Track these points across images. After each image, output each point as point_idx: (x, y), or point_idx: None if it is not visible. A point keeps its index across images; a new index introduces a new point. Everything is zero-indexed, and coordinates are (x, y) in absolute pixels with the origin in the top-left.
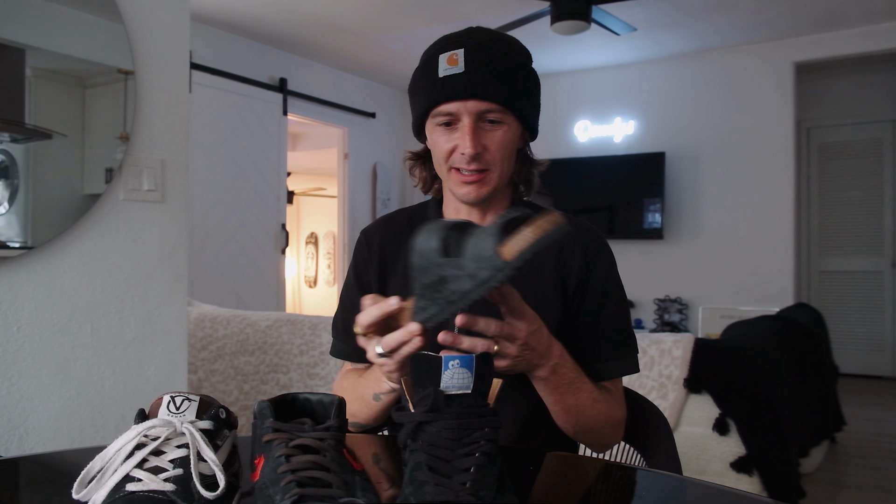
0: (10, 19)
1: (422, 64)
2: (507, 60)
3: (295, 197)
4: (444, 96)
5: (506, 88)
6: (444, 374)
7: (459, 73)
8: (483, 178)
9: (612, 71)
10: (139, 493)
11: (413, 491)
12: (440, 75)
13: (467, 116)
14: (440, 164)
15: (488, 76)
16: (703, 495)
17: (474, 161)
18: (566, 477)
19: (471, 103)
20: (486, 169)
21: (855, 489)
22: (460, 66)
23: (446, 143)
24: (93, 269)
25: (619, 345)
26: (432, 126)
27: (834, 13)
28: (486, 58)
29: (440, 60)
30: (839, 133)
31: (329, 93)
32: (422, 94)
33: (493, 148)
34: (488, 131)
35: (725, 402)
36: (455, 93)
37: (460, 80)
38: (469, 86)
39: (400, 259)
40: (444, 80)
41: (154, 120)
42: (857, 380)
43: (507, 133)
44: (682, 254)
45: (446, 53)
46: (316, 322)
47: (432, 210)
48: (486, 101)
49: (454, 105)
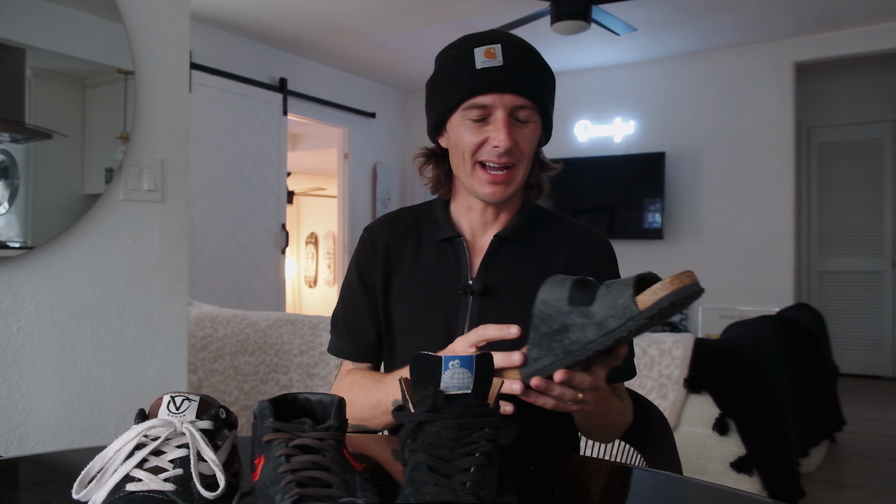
0: (10, 19)
1: (451, 58)
2: (538, 60)
3: (295, 197)
4: (483, 87)
5: (540, 87)
6: (444, 374)
7: (498, 66)
8: (510, 176)
9: (612, 71)
10: (139, 493)
11: (413, 491)
12: (478, 67)
13: (502, 110)
14: (464, 160)
15: (526, 72)
16: (703, 495)
17: (505, 155)
18: (566, 477)
19: (507, 97)
20: (514, 164)
21: (855, 489)
22: (499, 59)
23: (475, 136)
24: (93, 269)
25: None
26: (460, 119)
27: (834, 13)
28: (522, 55)
29: (476, 53)
30: (839, 133)
31: (329, 93)
32: (455, 86)
33: (523, 144)
34: (518, 128)
35: (725, 402)
36: (494, 85)
37: (499, 72)
38: (509, 79)
39: (405, 259)
40: (483, 72)
41: (154, 120)
42: (857, 380)
43: (535, 132)
44: (682, 254)
45: (483, 47)
46: (316, 322)
47: (439, 210)
48: (521, 97)
49: (490, 97)
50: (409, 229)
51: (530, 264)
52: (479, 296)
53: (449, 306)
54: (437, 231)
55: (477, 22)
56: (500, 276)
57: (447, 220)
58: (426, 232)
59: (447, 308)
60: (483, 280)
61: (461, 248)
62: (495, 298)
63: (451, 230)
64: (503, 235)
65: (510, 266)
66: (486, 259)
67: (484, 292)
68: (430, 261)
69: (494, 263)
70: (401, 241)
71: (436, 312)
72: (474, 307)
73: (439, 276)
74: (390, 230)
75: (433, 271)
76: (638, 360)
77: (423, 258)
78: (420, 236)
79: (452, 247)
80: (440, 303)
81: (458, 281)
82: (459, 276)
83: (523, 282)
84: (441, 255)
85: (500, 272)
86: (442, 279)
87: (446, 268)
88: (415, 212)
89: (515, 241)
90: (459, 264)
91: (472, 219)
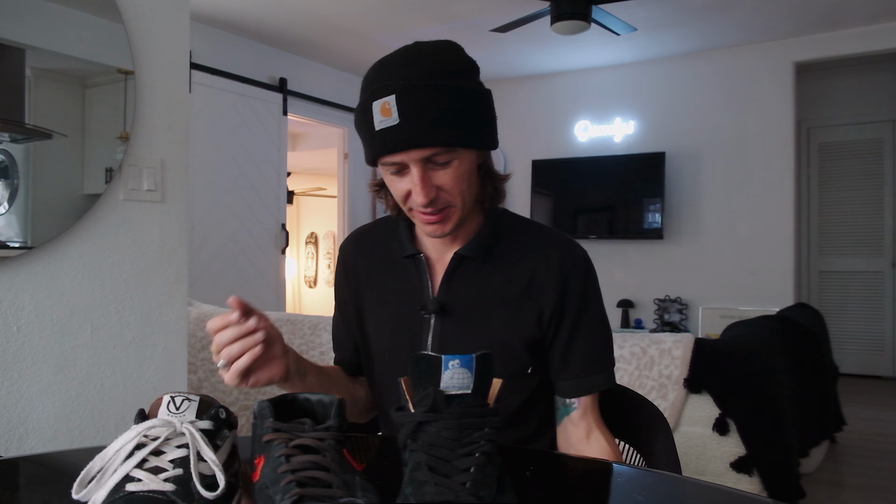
0: (10, 19)
1: (359, 107)
2: (442, 95)
3: (295, 197)
4: (385, 149)
5: (446, 129)
6: (444, 374)
7: (394, 126)
8: (445, 215)
9: (612, 71)
10: (139, 493)
11: (413, 491)
12: (376, 128)
13: (413, 164)
14: (401, 204)
15: (424, 123)
16: (703, 495)
17: (430, 205)
18: (566, 477)
19: (413, 153)
20: (447, 206)
21: (855, 489)
22: (394, 116)
23: (401, 185)
24: (93, 269)
25: (593, 361)
26: (383, 170)
27: (834, 13)
28: (419, 102)
29: (374, 110)
30: (839, 133)
31: (329, 93)
32: (364, 142)
33: (448, 186)
34: (438, 171)
35: (725, 402)
36: (395, 146)
37: (396, 132)
38: (406, 138)
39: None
40: (382, 134)
41: (154, 120)
42: (857, 380)
43: (460, 166)
44: (682, 254)
45: (378, 102)
46: (316, 322)
47: (403, 228)
48: (427, 149)
49: (398, 156)
50: (375, 246)
51: (492, 280)
52: (439, 315)
53: (413, 325)
54: (399, 248)
55: (477, 22)
56: (460, 294)
57: (409, 237)
58: (392, 248)
59: (411, 327)
60: (441, 300)
61: (423, 265)
62: (455, 317)
63: (412, 247)
64: (462, 254)
65: (471, 283)
66: (447, 277)
67: (441, 311)
68: (396, 278)
69: (455, 281)
70: (368, 258)
71: (402, 331)
72: (436, 326)
73: (403, 294)
74: (358, 248)
75: (398, 289)
76: (638, 360)
77: (390, 275)
78: (387, 252)
79: (415, 263)
80: (405, 322)
81: (419, 300)
82: (421, 295)
83: (484, 299)
84: (406, 273)
85: (460, 290)
86: (406, 297)
87: (410, 286)
88: (381, 227)
89: (476, 259)
90: (421, 282)
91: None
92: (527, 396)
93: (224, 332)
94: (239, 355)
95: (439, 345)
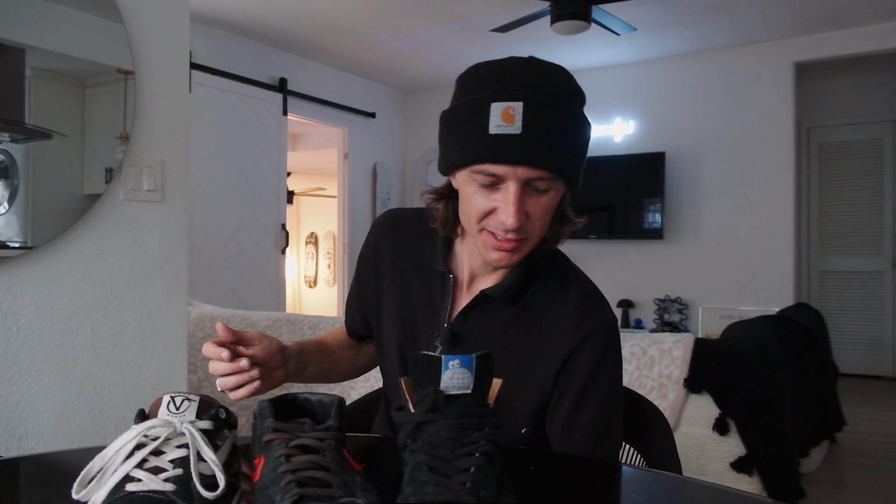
0: (10, 19)
1: (468, 105)
2: (566, 118)
3: (295, 197)
4: (494, 156)
5: (563, 154)
6: (444, 374)
7: (515, 134)
8: (518, 245)
9: (612, 71)
10: (139, 493)
11: (413, 491)
12: (491, 131)
13: (515, 182)
14: (470, 221)
15: (548, 142)
16: (703, 495)
17: (514, 231)
18: (566, 477)
19: (521, 170)
20: (524, 238)
21: (855, 489)
22: (517, 125)
23: (484, 203)
24: (93, 269)
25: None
26: (468, 178)
27: (834, 13)
28: (546, 119)
29: (493, 112)
30: (839, 133)
31: (329, 93)
32: (465, 143)
33: (536, 216)
34: (533, 197)
35: (725, 402)
36: (508, 156)
37: (516, 142)
38: (525, 151)
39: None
40: (497, 139)
41: (154, 120)
42: (857, 380)
43: (554, 198)
44: (682, 254)
45: (501, 105)
46: (316, 322)
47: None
48: (539, 170)
49: (502, 168)
50: (409, 239)
51: (510, 326)
52: (448, 344)
53: (422, 339)
54: (431, 258)
55: (477, 22)
56: (474, 329)
57: (444, 253)
58: (424, 252)
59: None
60: (455, 329)
61: (448, 285)
62: (462, 348)
63: (444, 265)
64: (489, 293)
65: (488, 321)
66: (467, 308)
67: (452, 341)
68: (418, 283)
69: (474, 314)
70: (398, 248)
71: (411, 342)
72: (444, 350)
73: (422, 305)
74: (390, 234)
75: (419, 298)
76: (638, 360)
77: (413, 276)
78: (419, 251)
79: (442, 281)
80: (416, 334)
81: (436, 318)
82: (438, 315)
83: (496, 342)
84: (429, 285)
85: (476, 324)
86: (424, 310)
87: (430, 301)
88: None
89: (501, 301)
90: (442, 302)
91: (473, 261)
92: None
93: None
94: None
95: None
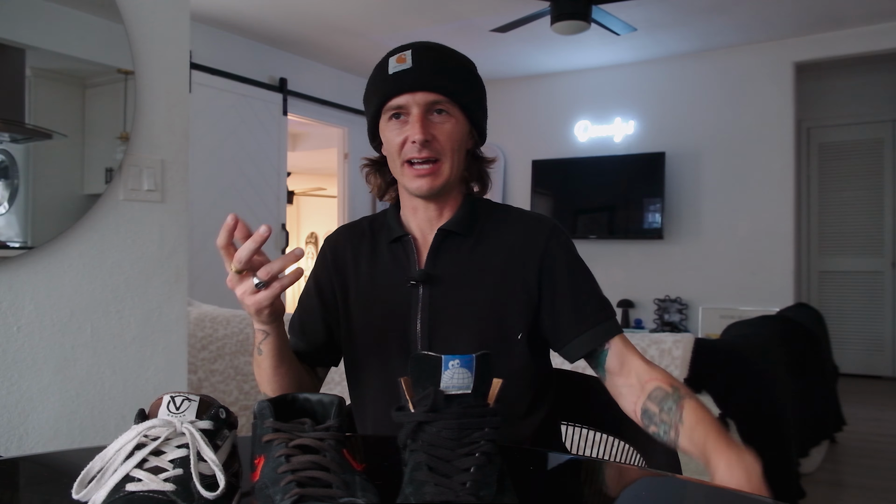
0: (10, 19)
1: (374, 71)
2: (452, 61)
3: (295, 197)
4: (394, 90)
5: (451, 82)
6: (444, 374)
7: (407, 69)
8: (435, 169)
9: (612, 71)
10: (139, 493)
11: (413, 491)
12: (390, 72)
13: (416, 107)
14: (394, 160)
15: (434, 70)
16: (703, 495)
17: (424, 148)
18: (566, 477)
19: (419, 95)
20: (437, 158)
21: (855, 489)
22: (408, 62)
23: (398, 135)
24: (93, 269)
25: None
26: (385, 123)
27: (834, 13)
28: (431, 56)
29: (390, 62)
30: (839, 133)
31: (329, 93)
32: (374, 94)
33: (443, 138)
34: (437, 123)
35: (725, 402)
36: (404, 86)
37: (408, 74)
38: (416, 78)
39: (361, 263)
40: (394, 76)
41: (154, 120)
42: (857, 380)
43: (456, 126)
44: (682, 254)
45: (396, 55)
46: None
47: (391, 214)
48: (432, 93)
49: (404, 98)
50: (364, 234)
51: (475, 251)
52: (427, 284)
53: (401, 299)
54: (388, 233)
55: (477, 22)
56: (446, 266)
57: (397, 222)
58: (381, 236)
59: (400, 301)
60: (428, 271)
61: (410, 245)
62: (442, 286)
63: (400, 230)
64: (446, 228)
65: (455, 255)
66: (433, 252)
67: (428, 280)
68: (384, 261)
69: (440, 255)
70: (356, 246)
71: (391, 306)
72: (424, 296)
73: (393, 273)
74: (347, 237)
75: (387, 270)
76: None
77: (378, 260)
78: (375, 240)
79: (403, 245)
80: (394, 297)
81: (408, 275)
82: (409, 271)
83: (469, 268)
84: (394, 255)
85: (446, 262)
86: (395, 276)
87: (398, 265)
88: (371, 219)
89: (459, 233)
90: (409, 260)
91: (418, 218)
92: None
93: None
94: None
95: (428, 314)
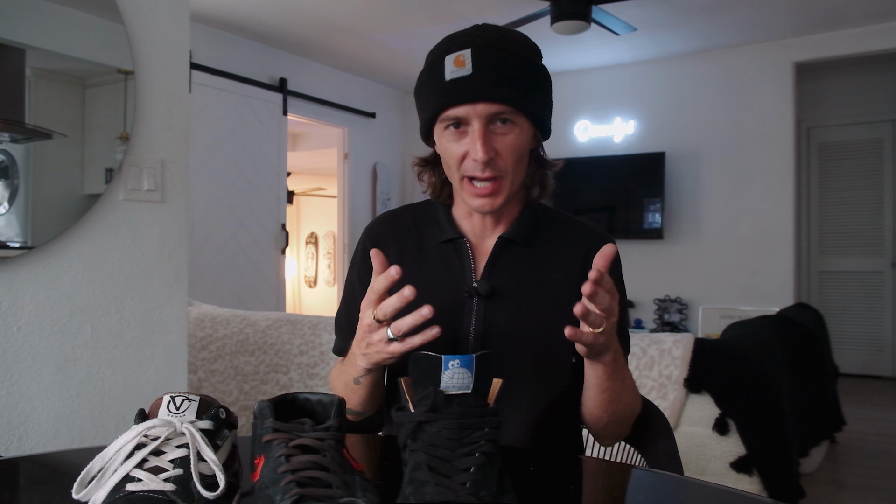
0: (10, 19)
1: (427, 67)
2: (516, 59)
3: (295, 197)
4: (452, 100)
5: (516, 89)
6: (444, 374)
7: (466, 76)
8: (496, 188)
9: (612, 71)
10: (139, 493)
11: (413, 491)
12: (447, 78)
13: (477, 120)
14: (452, 171)
15: (497, 77)
16: (703, 495)
17: (487, 168)
18: (566, 477)
19: (480, 106)
20: (499, 176)
21: (855, 489)
22: (467, 67)
23: (457, 148)
24: (93, 269)
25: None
26: (441, 131)
27: (834, 13)
28: (494, 58)
29: (446, 62)
30: (839, 133)
31: (329, 93)
32: (428, 98)
33: (505, 152)
34: (499, 135)
35: (725, 402)
36: (463, 96)
37: (468, 82)
38: (477, 88)
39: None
40: (451, 84)
41: (154, 120)
42: (857, 380)
43: (520, 136)
44: (682, 254)
45: (452, 55)
46: (316, 322)
47: (440, 211)
48: (496, 104)
49: (463, 109)
50: (409, 229)
51: (536, 265)
52: (485, 297)
53: (454, 308)
54: (439, 232)
55: (476, 22)
56: (505, 278)
57: (449, 222)
58: (428, 232)
59: (452, 310)
60: (489, 281)
61: (465, 249)
62: (501, 300)
63: (454, 231)
64: (507, 237)
65: (515, 267)
66: (491, 261)
67: (490, 294)
68: (433, 262)
69: (499, 265)
70: (401, 241)
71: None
72: (479, 309)
73: (443, 277)
74: (389, 230)
75: (437, 273)
76: (638, 360)
77: (426, 259)
78: (422, 237)
79: (455, 248)
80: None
81: (462, 283)
82: (464, 278)
83: (529, 283)
84: (444, 257)
85: (504, 273)
86: (446, 281)
87: (450, 269)
88: (415, 211)
89: (520, 242)
90: (463, 266)
91: (473, 223)
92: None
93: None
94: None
95: (483, 328)
